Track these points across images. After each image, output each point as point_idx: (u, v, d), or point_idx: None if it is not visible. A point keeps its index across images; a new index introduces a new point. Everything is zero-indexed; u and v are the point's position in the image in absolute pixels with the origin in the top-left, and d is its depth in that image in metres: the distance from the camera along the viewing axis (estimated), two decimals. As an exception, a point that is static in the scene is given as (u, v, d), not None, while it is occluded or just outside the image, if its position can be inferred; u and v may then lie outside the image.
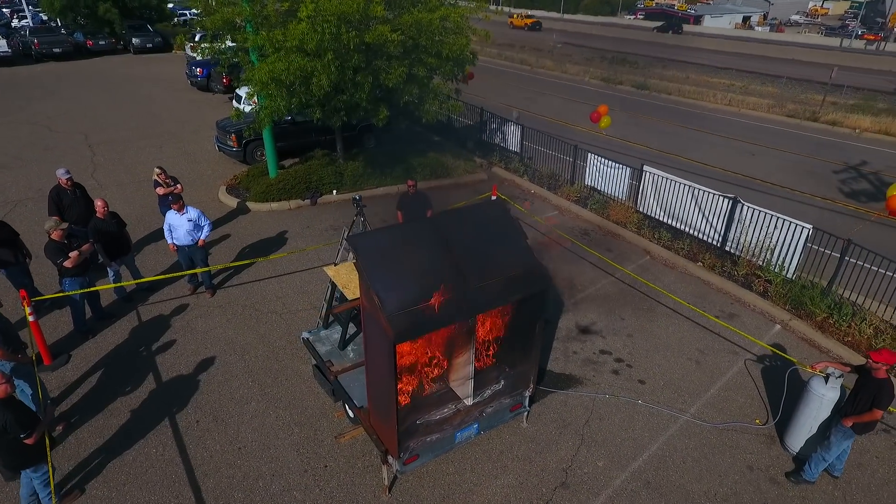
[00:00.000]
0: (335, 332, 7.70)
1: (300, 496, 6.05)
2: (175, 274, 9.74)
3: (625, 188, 13.20)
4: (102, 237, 8.68)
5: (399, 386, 5.60)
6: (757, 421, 7.30)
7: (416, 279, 5.23)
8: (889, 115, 24.87)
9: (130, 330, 8.69)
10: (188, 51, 29.54)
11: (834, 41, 56.06)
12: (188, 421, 7.00)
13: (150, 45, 35.06)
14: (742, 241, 10.85)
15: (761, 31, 71.16)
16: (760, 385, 7.96)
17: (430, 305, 5.08)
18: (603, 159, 13.51)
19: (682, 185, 11.74)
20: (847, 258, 9.22)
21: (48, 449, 5.56)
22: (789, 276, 10.09)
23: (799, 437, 6.68)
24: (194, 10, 14.79)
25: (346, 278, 7.29)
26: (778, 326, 9.30)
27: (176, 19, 42.64)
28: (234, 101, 18.28)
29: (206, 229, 9.32)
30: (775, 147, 20.17)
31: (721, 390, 7.83)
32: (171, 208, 9.10)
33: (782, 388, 7.50)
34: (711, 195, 11.22)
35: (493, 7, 13.05)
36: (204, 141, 17.40)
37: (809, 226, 9.81)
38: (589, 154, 13.83)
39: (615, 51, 44.91)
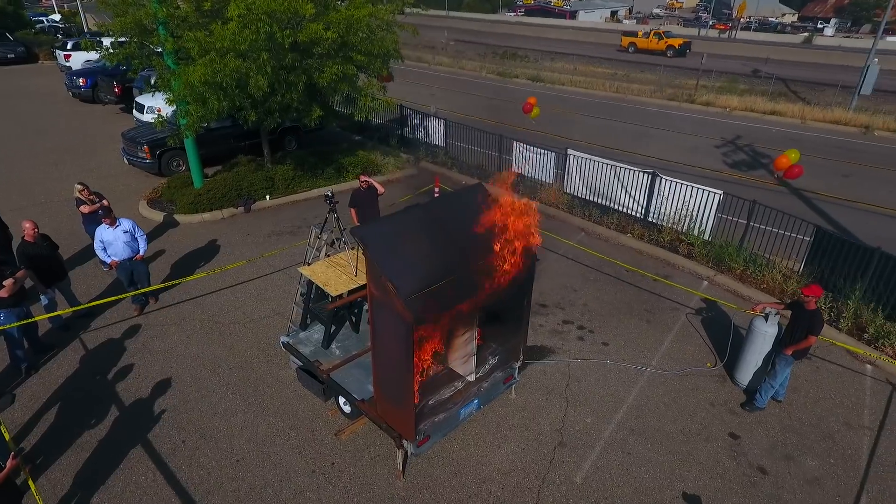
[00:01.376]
0: (315, 333, 7.63)
1: (314, 496, 6.01)
2: (118, 297, 9.05)
3: (551, 172, 14.03)
4: (33, 262, 7.92)
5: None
6: (708, 364, 8.24)
7: (423, 263, 5.41)
8: (751, 94, 28.15)
9: (79, 359, 8.02)
10: (61, 60, 26.94)
11: (693, 31, 62.08)
12: (173, 443, 6.65)
13: (12, 56, 31.41)
14: (663, 211, 12.01)
15: (629, 24, 77.09)
16: (703, 334, 8.95)
17: (442, 286, 5.29)
18: (528, 146, 14.25)
19: (605, 165, 12.72)
20: (752, 223, 10.56)
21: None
22: (706, 238, 11.34)
23: (747, 371, 7.65)
24: (53, 18, 13.26)
25: (325, 276, 7.27)
26: (706, 282, 10.45)
27: (36, 27, 38.49)
28: (134, 110, 17.02)
29: (143, 241, 8.81)
30: (664, 128, 22.19)
31: (672, 342, 8.71)
32: (101, 224, 8.51)
33: (723, 333, 8.52)
34: (632, 172, 12.29)
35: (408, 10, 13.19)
36: (107, 154, 16.08)
37: (720, 192, 11.08)
38: (514, 143, 14.52)
39: (505, 46, 46.73)
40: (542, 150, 13.98)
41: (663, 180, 11.82)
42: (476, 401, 6.58)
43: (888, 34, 66.26)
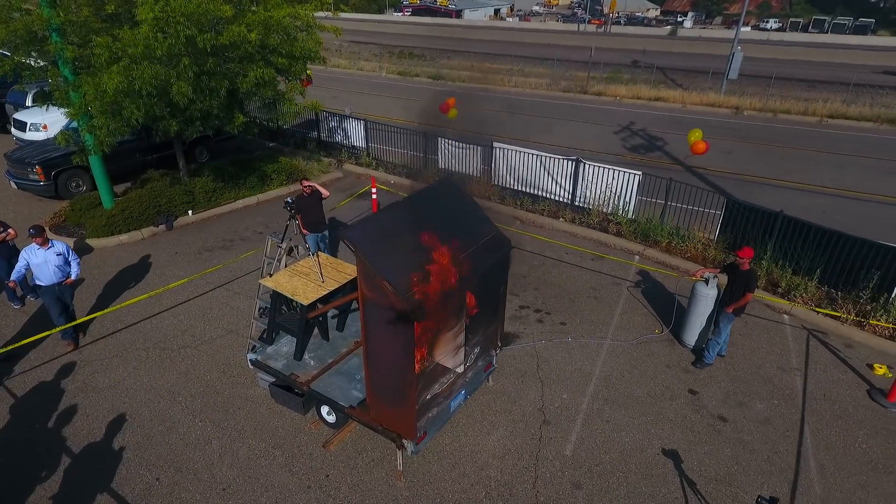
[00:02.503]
0: (284, 346, 7.35)
1: (316, 511, 5.83)
2: (41, 335, 8.11)
3: (478, 165, 14.38)
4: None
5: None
6: (657, 331, 8.93)
7: (413, 259, 5.42)
8: (635, 83, 30.45)
9: (8, 409, 7.11)
10: None
11: (573, 26, 65.83)
12: (145, 483, 6.13)
13: None
14: (588, 195, 12.75)
15: (512, 22, 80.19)
16: (645, 303, 9.67)
17: (435, 280, 5.33)
18: (454, 142, 14.50)
19: (530, 155, 13.28)
20: (669, 202, 11.54)
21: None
22: (631, 216, 12.21)
23: (693, 333, 8.39)
24: None
25: (291, 285, 7.02)
26: (637, 256, 11.26)
27: None
28: (13, 129, 15.20)
29: (76, 265, 8.01)
30: (565, 118, 23.44)
31: (621, 315, 9.33)
32: (33, 245, 7.64)
33: (663, 301, 9.27)
34: (557, 160, 12.93)
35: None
36: (-16, 180, 14.22)
37: (639, 172, 11.98)
38: (440, 139, 14.71)
39: (400, 45, 46.88)
40: (468, 145, 14.29)
41: (587, 166, 12.56)
42: (463, 392, 6.68)
43: (735, 25, 74.45)
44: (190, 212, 12.25)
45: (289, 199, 7.39)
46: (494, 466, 6.38)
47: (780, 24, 72.44)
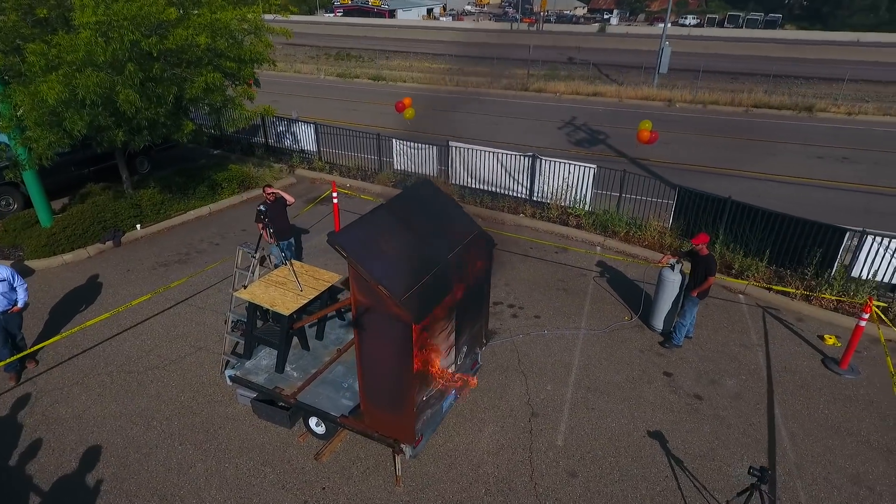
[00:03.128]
0: (264, 359, 7.11)
1: (316, 526, 5.68)
2: (-14, 366, 7.48)
3: (435, 166, 14.39)
4: None
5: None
6: (626, 318, 9.24)
7: (404, 261, 5.38)
8: (572, 79, 31.33)
9: (-40, 450, 6.52)
10: None
11: (506, 25, 66.91)
12: (128, 514, 5.78)
13: None
14: (546, 189, 13.03)
15: (446, 21, 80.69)
16: (612, 292, 9.99)
17: (428, 281, 5.31)
18: (409, 142, 14.45)
19: (487, 153, 13.42)
20: (624, 193, 11.98)
21: None
22: (587, 209, 12.57)
23: (661, 317, 8.74)
24: None
25: (269, 297, 6.81)
26: (598, 247, 11.61)
27: None
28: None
29: (22, 291, 7.43)
30: (510, 116, 23.82)
31: (591, 305, 9.60)
32: None
33: (627, 289, 9.63)
34: (514, 156, 13.13)
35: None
36: None
37: (594, 166, 12.36)
38: (394, 140, 14.62)
39: (336, 47, 46.19)
40: (424, 145, 14.27)
41: (543, 161, 12.83)
42: (453, 392, 6.69)
43: (659, 21, 77.94)
44: (138, 226, 11.61)
45: (261, 208, 7.16)
46: (490, 463, 6.43)
47: (699, 20, 76.43)
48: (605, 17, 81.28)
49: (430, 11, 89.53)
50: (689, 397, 7.51)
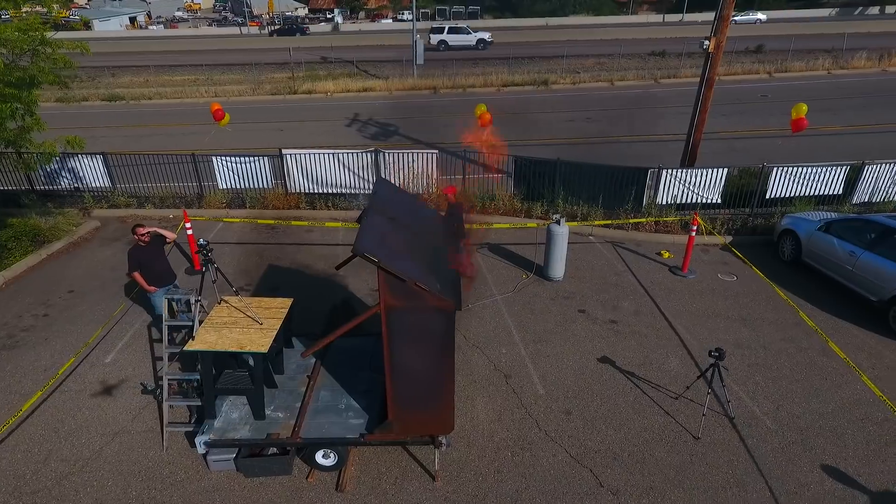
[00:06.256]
0: (232, 412, 6.27)
1: (383, 550, 5.39)
2: None
3: (268, 177, 13.52)
4: None
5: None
6: (524, 276, 10.32)
7: (417, 256, 5.41)
8: (335, 78, 31.58)
9: None
10: None
11: (233, 30, 63.26)
12: None
13: None
14: (394, 181, 13.38)
15: (157, 30, 72.72)
16: (497, 258, 10.98)
17: (448, 271, 5.43)
18: (234, 158, 13.28)
19: (327, 155, 13.16)
20: (468, 174, 13.09)
21: None
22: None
23: (557, 267, 10.02)
24: None
25: (232, 339, 6.01)
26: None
27: None
28: None
29: None
30: (289, 120, 23.18)
31: (490, 274, 10.44)
32: None
33: (504, 254, 10.77)
34: (356, 154, 13.16)
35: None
36: None
37: (436, 151, 13.16)
38: (214, 159, 13.27)
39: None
40: (252, 158, 13.29)
41: (387, 154, 13.15)
42: (447, 376, 6.84)
43: (380, 17, 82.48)
44: None
45: (202, 241, 6.14)
46: (500, 429, 6.81)
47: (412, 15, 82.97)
48: (329, 16, 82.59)
49: (133, 20, 79.47)
50: (607, 323, 8.91)
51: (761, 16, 62.32)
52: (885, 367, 7.89)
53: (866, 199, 12.64)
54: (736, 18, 57.60)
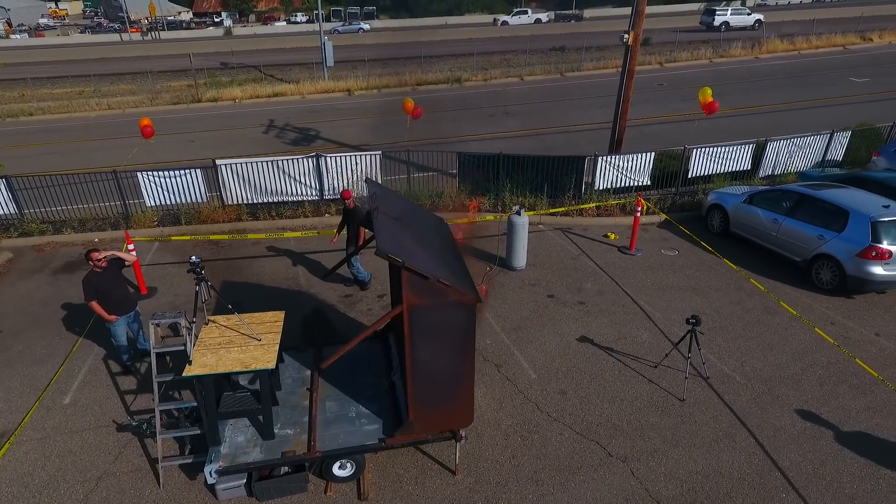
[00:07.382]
0: (238, 434, 5.97)
1: (421, 551, 5.38)
2: None
3: (202, 190, 12.75)
4: None
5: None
6: (488, 269, 10.55)
7: (431, 254, 5.45)
8: (240, 84, 30.21)
9: None
10: None
11: (114, 37, 58.42)
12: None
13: None
14: (336, 185, 13.13)
15: (21, 38, 65.63)
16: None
17: (455, 263, 5.51)
18: (161, 173, 12.40)
19: (265, 164, 12.65)
20: (412, 173, 13.14)
21: None
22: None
23: (520, 256, 10.33)
24: None
25: (233, 359, 5.71)
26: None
27: None
28: None
29: None
30: (200, 130, 21.94)
31: (452, 269, 10.56)
32: None
33: (475, 249, 10.97)
34: (296, 160, 12.76)
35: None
36: None
37: (378, 152, 13.07)
38: (139, 174, 12.31)
39: None
40: (182, 172, 12.47)
41: (328, 158, 12.86)
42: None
43: (272, 20, 79.70)
44: None
45: (194, 259, 5.73)
46: (504, 416, 6.97)
47: (307, 17, 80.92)
48: (217, 20, 78.59)
49: (-13, 29, 71.03)
50: (577, 305, 9.35)
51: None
52: (817, 316, 8.94)
53: (769, 173, 14.15)
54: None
